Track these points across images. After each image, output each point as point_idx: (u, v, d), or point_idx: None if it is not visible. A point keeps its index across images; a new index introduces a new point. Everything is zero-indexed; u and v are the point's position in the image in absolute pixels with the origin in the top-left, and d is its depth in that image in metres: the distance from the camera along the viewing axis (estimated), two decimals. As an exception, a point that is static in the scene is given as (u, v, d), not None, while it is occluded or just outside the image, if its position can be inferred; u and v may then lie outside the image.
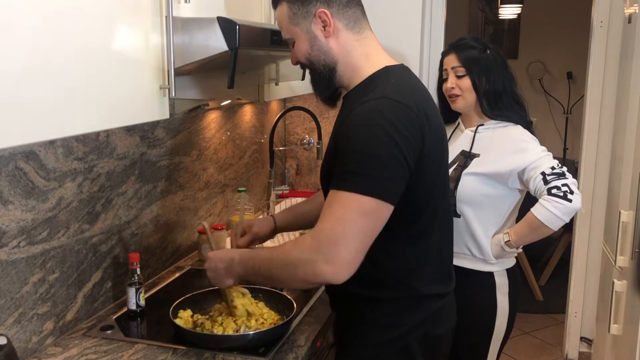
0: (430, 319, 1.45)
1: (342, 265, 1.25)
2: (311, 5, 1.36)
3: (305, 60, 1.42)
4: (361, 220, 1.25)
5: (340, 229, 1.24)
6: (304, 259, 1.27)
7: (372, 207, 1.25)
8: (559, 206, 1.76)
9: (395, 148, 1.25)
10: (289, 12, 1.38)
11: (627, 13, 2.50)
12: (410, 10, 2.71)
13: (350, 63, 1.40)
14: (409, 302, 1.43)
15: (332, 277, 1.26)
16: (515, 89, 1.96)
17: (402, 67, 1.44)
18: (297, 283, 1.44)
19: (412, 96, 1.33)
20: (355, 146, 1.26)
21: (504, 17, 5.21)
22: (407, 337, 1.43)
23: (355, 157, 1.26)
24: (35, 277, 1.51)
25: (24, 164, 1.45)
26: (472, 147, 1.92)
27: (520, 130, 1.90)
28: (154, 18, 1.36)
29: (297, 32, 1.39)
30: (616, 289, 2.17)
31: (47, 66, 1.07)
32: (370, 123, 1.27)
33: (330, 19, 1.36)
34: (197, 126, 2.25)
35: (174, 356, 1.50)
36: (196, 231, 2.26)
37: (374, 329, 1.44)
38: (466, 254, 1.91)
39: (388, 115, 1.27)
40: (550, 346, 3.63)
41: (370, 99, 1.30)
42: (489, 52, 1.93)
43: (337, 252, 1.24)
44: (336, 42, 1.38)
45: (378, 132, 1.25)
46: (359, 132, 1.27)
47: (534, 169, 1.81)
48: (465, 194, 1.86)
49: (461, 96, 1.92)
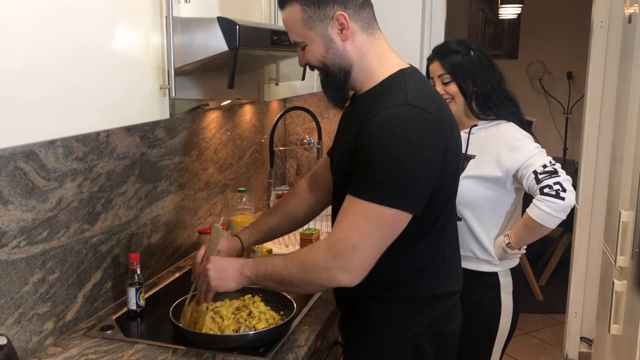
0: (442, 318, 1.46)
1: (355, 273, 1.27)
2: (328, 8, 1.31)
3: (318, 64, 1.38)
4: (380, 231, 1.26)
5: (357, 239, 1.25)
6: (320, 266, 1.29)
7: (392, 218, 1.26)
8: (552, 205, 1.75)
9: (419, 157, 1.24)
10: (303, 15, 1.33)
11: (627, 13, 2.50)
12: (410, 10, 2.71)
13: (365, 66, 1.37)
14: (421, 302, 1.43)
15: (347, 283, 1.28)
16: (504, 86, 1.95)
17: (415, 69, 1.42)
18: (311, 288, 1.51)
19: (433, 103, 1.32)
20: (379, 155, 1.24)
21: (504, 17, 5.21)
22: (419, 337, 1.43)
23: (379, 166, 1.24)
24: (35, 277, 1.51)
25: (24, 164, 1.45)
26: (467, 149, 1.91)
27: (513, 127, 1.89)
28: (154, 18, 1.36)
29: (312, 35, 1.34)
30: (616, 289, 2.17)
31: (47, 66, 1.07)
32: (395, 131, 1.25)
33: (349, 21, 1.32)
34: (197, 126, 2.25)
35: (174, 356, 1.50)
36: (196, 231, 2.26)
37: (386, 329, 1.44)
38: (470, 256, 1.90)
39: (413, 123, 1.25)
40: (550, 346, 3.63)
41: (393, 106, 1.28)
42: (473, 53, 1.91)
43: (353, 261, 1.25)
44: (352, 45, 1.35)
45: (403, 141, 1.24)
46: (383, 140, 1.25)
47: (527, 168, 1.80)
48: (464, 197, 1.85)
49: (452, 101, 1.92)
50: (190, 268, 2.13)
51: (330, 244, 1.28)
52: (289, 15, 1.36)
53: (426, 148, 1.25)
